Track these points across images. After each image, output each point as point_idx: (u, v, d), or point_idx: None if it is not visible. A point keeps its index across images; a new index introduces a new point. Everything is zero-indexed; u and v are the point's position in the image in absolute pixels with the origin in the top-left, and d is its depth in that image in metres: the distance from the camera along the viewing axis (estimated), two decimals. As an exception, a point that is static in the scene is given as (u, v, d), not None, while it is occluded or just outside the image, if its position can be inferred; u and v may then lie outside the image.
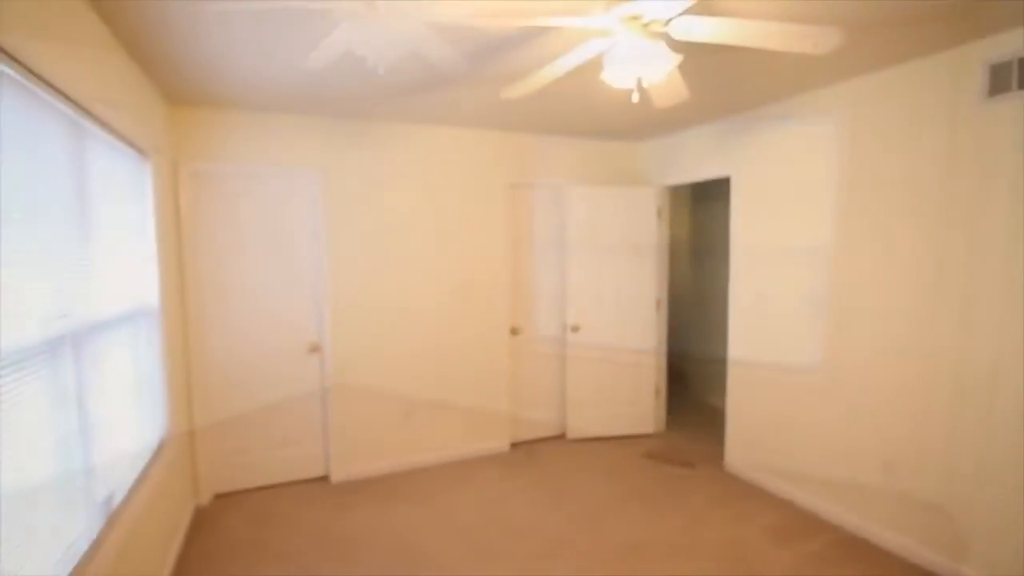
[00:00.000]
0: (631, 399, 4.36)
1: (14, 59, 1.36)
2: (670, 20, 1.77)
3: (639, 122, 3.78)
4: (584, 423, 4.31)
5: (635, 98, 1.84)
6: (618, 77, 1.80)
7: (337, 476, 3.66)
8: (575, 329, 4.21)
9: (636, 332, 4.32)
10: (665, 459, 3.94)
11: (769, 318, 3.40)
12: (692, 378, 5.58)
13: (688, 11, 1.92)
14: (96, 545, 1.72)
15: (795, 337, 3.24)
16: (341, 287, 3.60)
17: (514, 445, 4.24)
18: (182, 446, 3.04)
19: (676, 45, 2.26)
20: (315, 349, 3.60)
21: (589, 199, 4.18)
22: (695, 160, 3.93)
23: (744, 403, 3.61)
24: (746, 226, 3.54)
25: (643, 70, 1.75)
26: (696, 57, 2.48)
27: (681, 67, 2.59)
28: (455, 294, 3.94)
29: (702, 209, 5.28)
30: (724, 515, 3.14)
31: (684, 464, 3.85)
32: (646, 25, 1.75)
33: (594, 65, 2.13)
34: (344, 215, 3.59)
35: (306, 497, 3.43)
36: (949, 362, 2.49)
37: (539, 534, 2.95)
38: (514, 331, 4.16)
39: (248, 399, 3.48)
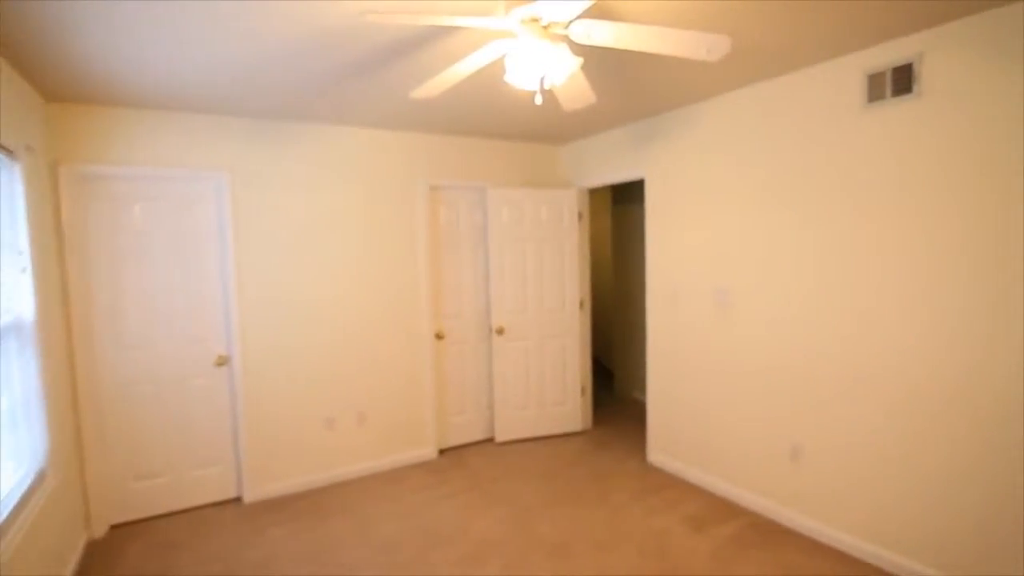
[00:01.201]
0: (558, 399, 4.40)
1: None
2: (570, 23, 1.79)
3: (557, 125, 3.83)
4: (512, 425, 4.31)
5: (538, 100, 1.84)
6: (521, 79, 1.79)
7: (251, 496, 3.45)
8: (500, 332, 4.21)
9: (561, 332, 4.37)
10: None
11: (683, 314, 3.53)
12: (618, 375, 5.72)
13: (587, 15, 1.97)
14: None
15: (706, 332, 3.38)
16: (252, 296, 3.41)
17: (442, 451, 4.18)
18: (68, 475, 2.76)
19: (579, 48, 2.32)
20: (223, 362, 3.38)
21: (511, 201, 4.19)
22: (612, 162, 4.03)
23: (664, 397, 3.74)
24: (659, 226, 3.67)
25: (545, 72, 1.75)
26: (604, 61, 2.54)
27: (588, 71, 2.66)
28: (376, 300, 3.83)
29: (623, 210, 5.43)
30: (646, 507, 3.22)
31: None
32: (546, 27, 1.76)
33: (504, 67, 2.13)
34: (254, 220, 3.40)
35: (216, 521, 3.21)
36: (843, 350, 2.67)
37: (466, 540, 2.91)
38: (439, 336, 4.10)
39: (149, 419, 3.22)
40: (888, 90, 2.42)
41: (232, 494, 3.47)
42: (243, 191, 3.37)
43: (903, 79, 2.37)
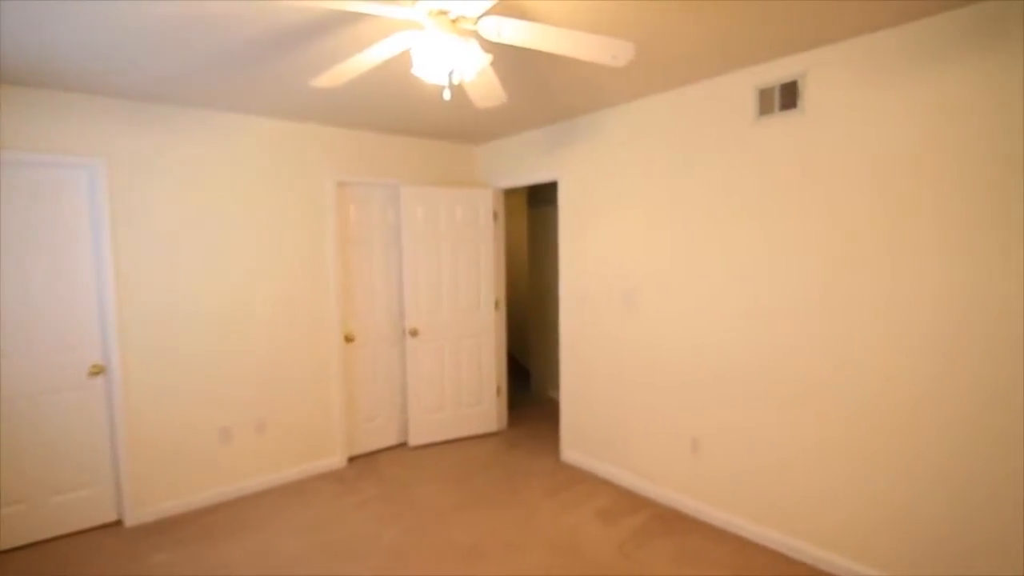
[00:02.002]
0: (473, 400, 4.37)
1: None
2: (479, 18, 1.76)
3: (473, 124, 3.80)
4: (426, 429, 4.22)
5: (447, 95, 1.79)
6: (428, 72, 1.74)
7: (134, 519, 3.12)
8: (414, 333, 4.11)
9: (476, 333, 4.34)
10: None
11: (593, 314, 3.62)
12: (534, 374, 5.78)
13: (498, 12, 1.95)
14: None
15: (615, 331, 3.48)
16: (135, 298, 3.08)
17: (352, 459, 4.01)
18: None
19: (489, 45, 2.30)
20: (99, 371, 3.03)
21: (426, 200, 4.10)
22: (527, 164, 4.06)
23: (575, 395, 3.81)
24: (572, 228, 3.74)
25: (452, 67, 1.71)
26: (517, 61, 2.54)
27: (501, 70, 2.65)
28: (280, 301, 3.60)
29: (539, 211, 5.50)
30: (558, 505, 3.26)
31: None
32: (454, 21, 1.72)
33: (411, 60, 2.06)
34: (138, 212, 3.08)
35: (90, 549, 2.87)
36: (739, 347, 2.85)
37: (376, 551, 2.80)
38: (348, 338, 3.93)
39: (4, 440, 2.82)
40: (776, 105, 2.61)
41: (112, 517, 3.12)
42: (125, 180, 3.03)
43: (789, 95, 2.56)
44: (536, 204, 5.54)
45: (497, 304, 4.43)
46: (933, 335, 2.19)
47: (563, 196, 3.78)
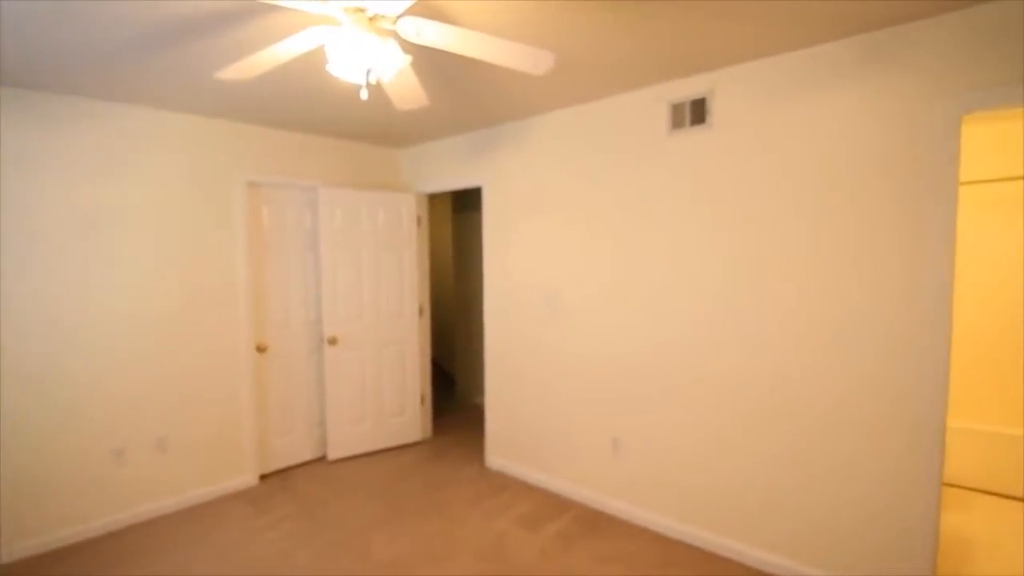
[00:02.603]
0: (397, 409, 4.26)
1: None
2: (398, 18, 1.72)
3: (395, 126, 3.72)
4: (347, 441, 4.06)
5: (363, 95, 1.73)
6: (343, 70, 1.67)
7: (11, 555, 2.76)
8: (333, 341, 3.94)
9: (400, 340, 4.24)
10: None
11: (517, 319, 3.64)
12: (460, 380, 5.73)
13: (419, 14, 1.92)
14: None
15: (538, 336, 3.52)
16: (10, 307, 2.74)
17: (265, 477, 3.78)
18: None
19: (410, 47, 2.26)
20: (-39, 391, 2.67)
21: (346, 203, 3.96)
22: (451, 169, 4.03)
23: (501, 401, 3.81)
24: (496, 234, 3.75)
25: (369, 66, 1.66)
26: (441, 65, 2.51)
27: (424, 72, 2.61)
28: (183, 309, 3.33)
29: (464, 217, 5.47)
30: (482, 512, 3.24)
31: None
32: (372, 19, 1.67)
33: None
34: (15, 211, 2.74)
35: (-53, 595, 2.51)
36: (659, 349, 2.96)
37: (289, 573, 2.64)
38: (260, 348, 3.71)
39: None
40: (687, 119, 2.75)
41: (-26, 557, 2.75)
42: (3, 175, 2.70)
43: (699, 111, 2.70)
44: (461, 209, 5.52)
45: (421, 310, 4.35)
46: (827, 334, 2.38)
47: (487, 202, 3.78)
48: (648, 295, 2.96)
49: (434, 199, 6.58)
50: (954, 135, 2.04)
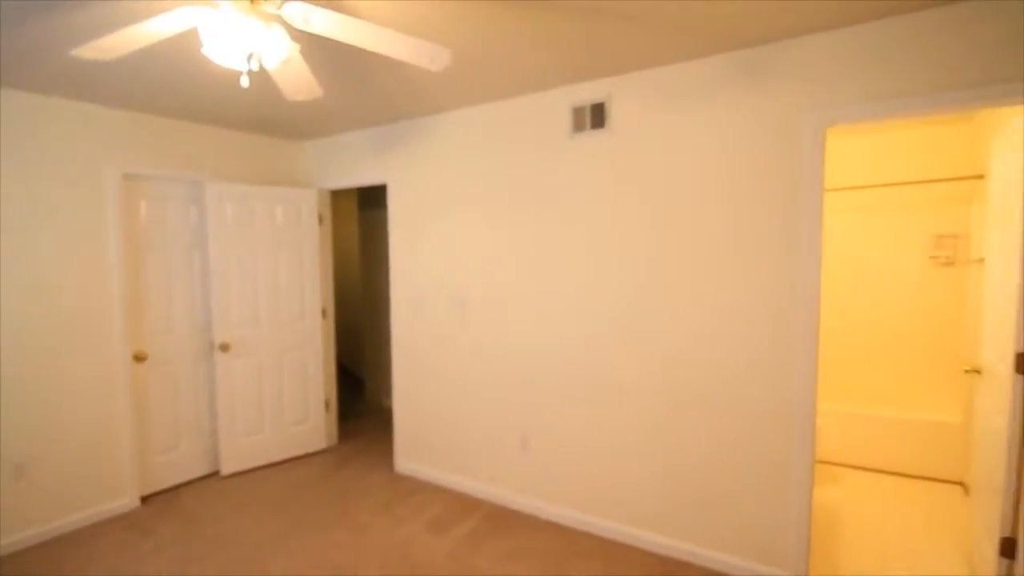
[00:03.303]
0: (299, 417, 4.04)
1: None
2: (283, 3, 1.62)
3: (294, 118, 3.52)
4: (243, 454, 3.80)
5: (244, 82, 1.62)
6: (221, 55, 1.55)
7: None
8: (225, 348, 3.67)
9: (301, 344, 4.02)
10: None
11: (425, 319, 3.58)
12: (369, 383, 5.56)
13: (311, 1, 1.81)
14: None
15: (446, 336, 3.48)
16: None
17: (148, 498, 3.44)
18: None
19: (302, 35, 2.14)
20: None
21: (238, 199, 3.69)
22: (355, 165, 3.88)
23: (410, 403, 3.73)
24: (402, 233, 3.66)
25: (250, 52, 1.55)
26: (339, 56, 2.40)
27: (320, 63, 2.48)
28: (44, 316, 2.94)
29: (371, 215, 5.30)
30: (392, 519, 3.15)
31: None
32: (254, 2, 1.55)
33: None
34: None
35: None
36: (563, 346, 3.02)
37: (172, 603, 2.42)
38: (139, 357, 3.37)
39: None
40: (588, 123, 2.83)
41: None
42: None
43: (599, 115, 2.79)
44: (368, 207, 5.34)
45: (324, 312, 4.16)
46: (713, 328, 2.54)
47: (393, 200, 3.68)
48: (554, 293, 3.02)
49: (339, 196, 6.32)
50: (820, 145, 2.25)
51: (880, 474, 3.70)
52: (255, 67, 1.57)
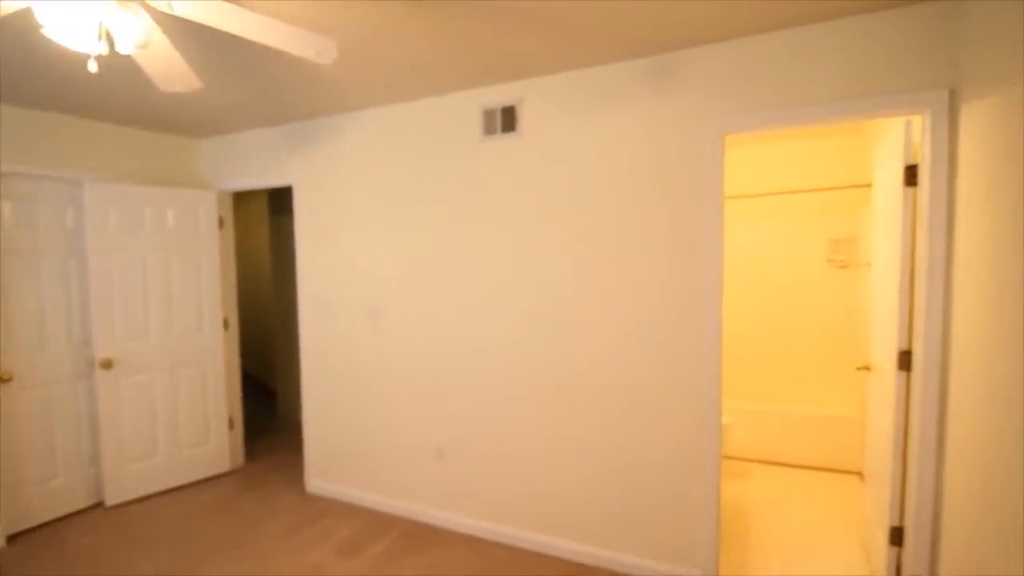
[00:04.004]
0: (198, 438, 3.72)
1: None
2: (140, -19, 1.44)
3: (189, 113, 3.24)
4: (133, 481, 3.44)
5: (92, 67, 1.42)
6: (63, 36, 1.35)
7: None
8: (107, 365, 3.31)
9: (199, 359, 3.70)
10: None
11: (337, 329, 3.39)
12: (281, 397, 5.24)
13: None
14: None
15: (359, 347, 3.32)
16: None
17: (17, 536, 3.03)
18: None
19: (173, 20, 1.95)
20: None
21: (123, 200, 3.35)
22: (259, 165, 3.63)
23: (321, 419, 3.52)
24: (311, 238, 3.46)
25: (99, 33, 1.36)
26: (229, 47, 2.21)
27: (205, 54, 2.27)
28: None
29: (283, 219, 5.01)
30: (301, 543, 2.94)
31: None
32: (102, -22, 1.37)
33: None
34: None
35: None
36: (478, 353, 2.93)
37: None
38: (2, 378, 2.97)
39: None
40: (499, 126, 2.77)
41: None
42: None
43: (509, 118, 2.74)
44: (280, 212, 5.04)
45: (226, 323, 3.86)
46: (624, 331, 2.55)
47: (299, 203, 3.47)
48: (467, 298, 2.94)
49: (248, 199, 5.95)
50: (719, 152, 2.30)
51: (788, 468, 3.88)
52: (103, 51, 1.38)
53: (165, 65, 1.79)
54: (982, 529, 1.63)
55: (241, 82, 2.68)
